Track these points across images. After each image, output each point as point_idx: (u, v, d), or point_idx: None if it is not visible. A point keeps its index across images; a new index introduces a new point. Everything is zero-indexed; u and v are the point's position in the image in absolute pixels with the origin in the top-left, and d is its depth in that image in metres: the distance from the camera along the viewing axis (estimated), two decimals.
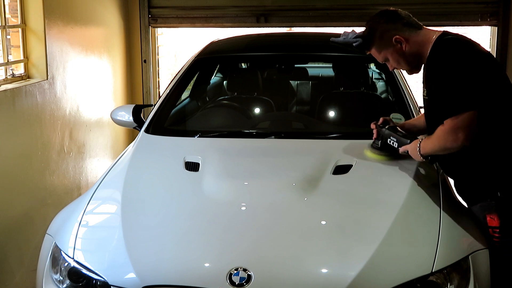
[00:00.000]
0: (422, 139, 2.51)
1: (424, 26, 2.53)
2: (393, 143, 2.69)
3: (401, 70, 2.63)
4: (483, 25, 5.74)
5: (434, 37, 2.44)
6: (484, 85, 2.29)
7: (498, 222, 2.34)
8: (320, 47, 3.95)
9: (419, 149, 2.49)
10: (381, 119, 2.82)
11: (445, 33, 2.48)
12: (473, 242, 2.30)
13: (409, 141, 2.61)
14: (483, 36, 6.14)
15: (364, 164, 2.73)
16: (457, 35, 2.46)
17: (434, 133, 2.40)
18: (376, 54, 2.57)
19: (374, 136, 2.80)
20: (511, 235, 2.34)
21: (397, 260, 2.16)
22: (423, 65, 2.51)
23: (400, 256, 2.18)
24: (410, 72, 2.58)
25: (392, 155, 2.75)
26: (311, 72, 4.42)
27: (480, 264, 2.25)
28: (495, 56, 5.51)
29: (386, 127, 2.76)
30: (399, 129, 2.74)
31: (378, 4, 5.47)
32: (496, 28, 5.58)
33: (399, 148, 2.65)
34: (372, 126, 2.83)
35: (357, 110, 3.50)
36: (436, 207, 2.41)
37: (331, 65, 4.32)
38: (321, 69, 4.84)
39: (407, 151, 2.59)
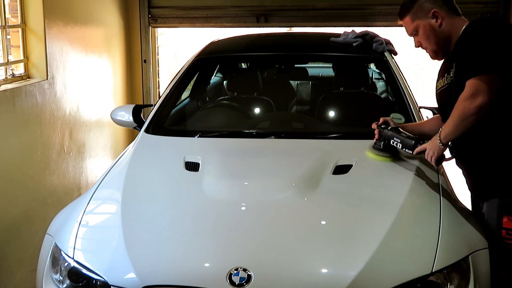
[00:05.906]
0: (440, 134, 2.38)
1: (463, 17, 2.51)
2: (396, 144, 2.67)
3: (426, 51, 2.55)
4: None
5: (466, 24, 2.44)
6: (509, 54, 2.26)
7: None
8: (320, 47, 3.95)
9: (440, 139, 2.37)
10: (381, 119, 2.80)
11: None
12: (473, 242, 2.30)
13: (413, 142, 2.57)
14: None
15: (364, 164, 2.73)
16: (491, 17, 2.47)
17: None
18: (408, 23, 2.53)
19: (376, 137, 2.78)
20: None
21: (397, 260, 2.16)
22: (446, 52, 2.48)
23: (400, 256, 2.18)
24: (434, 54, 2.53)
25: (394, 156, 2.74)
26: (311, 72, 4.43)
27: (480, 264, 2.24)
28: None
29: (389, 127, 2.73)
30: (401, 130, 2.71)
31: (378, 4, 5.46)
32: None
33: (412, 150, 2.57)
34: (374, 126, 2.81)
35: (357, 110, 3.50)
36: (436, 207, 2.41)
37: (331, 65, 4.32)
38: (321, 69, 4.84)
39: (424, 151, 2.48)
